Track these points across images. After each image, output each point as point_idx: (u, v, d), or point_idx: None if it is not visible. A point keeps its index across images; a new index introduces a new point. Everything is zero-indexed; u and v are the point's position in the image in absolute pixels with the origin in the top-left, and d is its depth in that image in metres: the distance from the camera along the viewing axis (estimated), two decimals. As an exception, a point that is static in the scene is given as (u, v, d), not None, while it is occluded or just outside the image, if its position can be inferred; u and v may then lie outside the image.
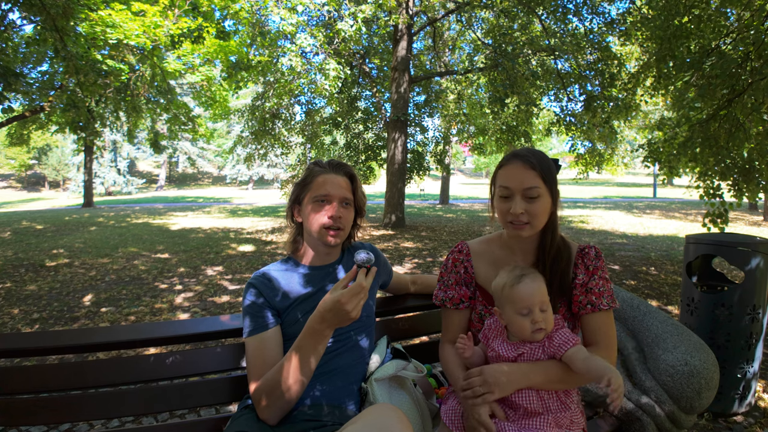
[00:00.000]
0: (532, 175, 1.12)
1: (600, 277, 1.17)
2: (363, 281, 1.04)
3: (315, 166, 1.32)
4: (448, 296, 1.26)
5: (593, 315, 1.14)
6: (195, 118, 13.82)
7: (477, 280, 1.26)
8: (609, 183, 40.99)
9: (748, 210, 15.61)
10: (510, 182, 1.13)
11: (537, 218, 1.13)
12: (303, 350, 1.07)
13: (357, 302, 1.03)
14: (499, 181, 1.17)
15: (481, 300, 1.25)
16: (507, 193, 1.14)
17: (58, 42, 5.97)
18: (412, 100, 12.75)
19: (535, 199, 1.12)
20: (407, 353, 1.35)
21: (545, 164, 1.14)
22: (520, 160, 1.14)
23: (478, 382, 1.04)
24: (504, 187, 1.14)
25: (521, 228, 1.13)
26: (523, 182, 1.12)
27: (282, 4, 8.18)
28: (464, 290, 1.26)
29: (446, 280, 1.29)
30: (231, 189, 41.29)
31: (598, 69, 8.78)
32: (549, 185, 1.14)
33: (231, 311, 4.18)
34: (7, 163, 39.92)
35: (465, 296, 1.25)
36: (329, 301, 1.03)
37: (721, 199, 4.55)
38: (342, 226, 1.27)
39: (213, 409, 2.33)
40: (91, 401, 1.19)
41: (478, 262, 1.27)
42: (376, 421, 0.86)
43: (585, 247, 1.22)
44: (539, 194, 1.12)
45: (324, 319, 1.04)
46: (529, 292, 1.05)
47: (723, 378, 2.18)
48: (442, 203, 21.19)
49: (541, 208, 1.12)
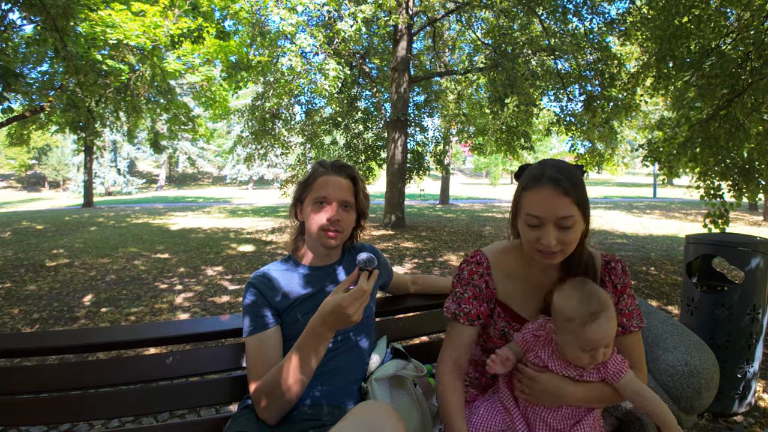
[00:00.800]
0: (566, 202, 0.98)
1: (628, 296, 1.11)
2: (365, 285, 1.03)
3: (319, 166, 1.32)
4: (463, 310, 1.14)
5: (624, 337, 1.09)
6: (195, 118, 13.81)
7: (498, 296, 1.16)
8: (609, 183, 41.00)
9: (748, 210, 15.60)
10: (541, 211, 1.00)
11: (570, 246, 1.02)
12: (303, 351, 1.06)
13: (358, 306, 1.02)
14: (525, 208, 1.03)
15: (504, 316, 1.15)
16: (537, 222, 1.01)
17: (58, 42, 5.97)
18: (412, 100, 12.75)
19: (569, 229, 0.99)
20: (407, 353, 1.35)
21: (579, 186, 1.01)
22: (552, 185, 0.99)
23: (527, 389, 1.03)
24: (533, 216, 1.01)
25: (552, 257, 1.02)
26: (556, 211, 0.98)
27: (282, 4, 8.18)
28: (483, 307, 1.15)
29: (461, 293, 1.16)
30: (231, 189, 41.29)
31: (598, 69, 8.78)
32: (583, 209, 1.01)
33: (231, 311, 4.18)
34: (7, 163, 39.92)
35: (483, 313, 1.15)
36: (330, 304, 1.02)
37: (722, 199, 4.54)
38: (341, 228, 1.26)
39: (213, 409, 2.33)
40: (91, 401, 1.18)
41: (499, 275, 1.16)
42: (365, 419, 0.86)
43: (610, 260, 1.13)
44: (574, 223, 0.99)
45: (325, 322, 1.04)
46: (600, 335, 0.97)
47: (723, 378, 2.18)
48: (442, 203, 21.20)
49: (574, 236, 1.01)
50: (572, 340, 0.99)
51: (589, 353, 0.99)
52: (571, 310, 0.99)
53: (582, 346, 0.98)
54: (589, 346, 0.98)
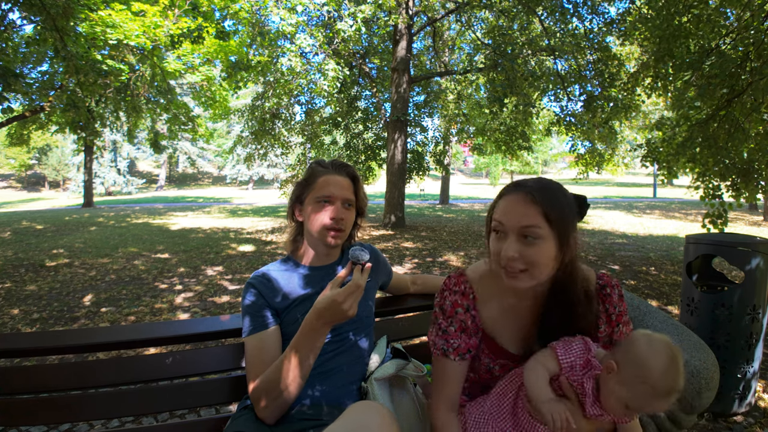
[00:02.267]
0: (533, 211, 0.90)
1: (624, 323, 1.02)
2: (359, 279, 1.04)
3: (317, 165, 1.32)
4: (451, 346, 1.03)
5: None
6: (195, 118, 13.82)
7: (484, 330, 1.06)
8: (609, 183, 41.00)
9: (748, 210, 15.60)
10: (504, 217, 0.93)
11: (536, 267, 0.91)
12: (300, 348, 1.07)
13: (353, 300, 1.03)
14: (494, 214, 0.97)
15: (486, 352, 1.06)
16: (500, 229, 0.94)
17: (58, 42, 5.97)
18: (412, 100, 12.75)
19: (534, 242, 0.90)
20: (407, 353, 1.35)
21: (553, 200, 0.92)
22: (522, 192, 0.93)
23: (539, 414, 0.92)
24: (497, 221, 0.94)
25: (516, 277, 0.92)
26: (519, 219, 0.91)
27: (282, 4, 8.18)
28: (472, 340, 1.05)
29: (446, 326, 1.05)
30: (231, 189, 41.29)
31: (598, 69, 8.78)
32: (555, 228, 0.90)
33: (231, 311, 4.18)
34: (7, 163, 39.92)
35: (473, 346, 1.05)
36: (325, 299, 1.03)
37: (721, 199, 4.55)
38: (343, 227, 1.27)
39: (213, 409, 2.33)
40: (91, 401, 1.19)
41: (484, 306, 1.06)
42: (356, 419, 0.86)
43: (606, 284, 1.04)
44: (539, 236, 0.89)
45: (320, 317, 1.05)
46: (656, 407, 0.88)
47: (723, 378, 2.17)
48: (442, 203, 21.20)
49: (540, 254, 0.90)
50: (629, 395, 0.87)
51: (630, 412, 0.89)
52: (654, 375, 0.86)
53: (634, 406, 0.88)
54: (640, 409, 0.89)
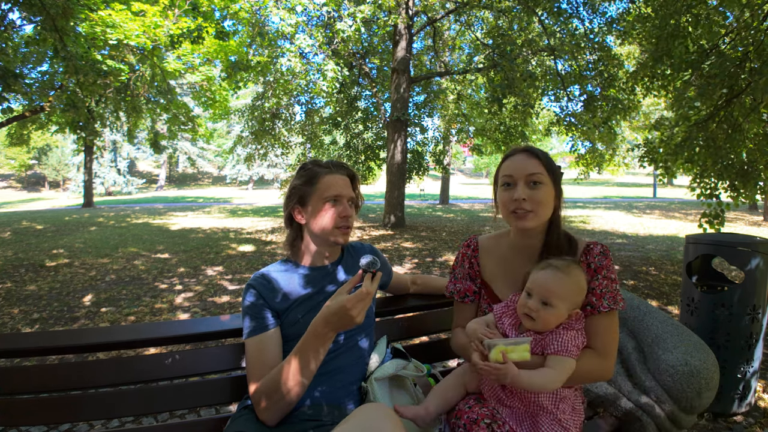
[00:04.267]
0: (535, 163, 1.12)
1: (604, 277, 1.10)
2: (369, 286, 1.04)
3: (316, 166, 1.31)
4: (456, 288, 1.30)
5: (592, 318, 1.08)
6: (195, 118, 13.82)
7: (483, 277, 1.28)
8: (609, 183, 40.99)
9: (748, 210, 15.60)
10: (513, 170, 1.13)
11: (541, 206, 1.10)
12: (304, 353, 1.06)
13: (362, 307, 1.03)
14: (502, 172, 1.18)
15: (486, 298, 1.25)
16: (510, 181, 1.14)
17: (57, 42, 5.97)
18: (412, 100, 12.75)
19: (538, 186, 1.11)
20: (407, 353, 1.36)
21: (548, 156, 1.16)
22: (523, 151, 1.16)
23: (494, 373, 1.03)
24: (507, 175, 1.15)
25: (525, 217, 1.11)
26: (526, 168, 1.12)
27: (281, 4, 8.18)
28: (469, 285, 1.28)
29: (456, 273, 1.32)
30: (231, 189, 41.28)
31: (598, 69, 8.78)
32: (552, 176, 1.14)
33: (231, 311, 4.18)
34: (7, 163, 39.91)
35: (470, 291, 1.28)
36: (334, 306, 1.03)
37: (718, 199, 4.54)
38: (351, 224, 1.30)
39: (213, 409, 2.33)
40: (91, 401, 1.19)
41: (486, 258, 1.28)
42: (365, 422, 0.86)
43: (591, 243, 1.17)
44: (542, 181, 1.11)
45: (328, 323, 1.04)
46: (540, 281, 1.05)
47: (723, 378, 2.17)
48: (442, 203, 21.19)
49: (544, 195, 1.11)
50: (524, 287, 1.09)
51: (527, 301, 1.05)
52: (537, 265, 1.10)
53: (526, 288, 1.07)
54: (529, 288, 1.06)
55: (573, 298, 1.05)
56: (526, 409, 1.06)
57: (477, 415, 1.03)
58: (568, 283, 1.04)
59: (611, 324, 1.09)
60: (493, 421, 1.02)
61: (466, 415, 1.05)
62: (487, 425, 1.00)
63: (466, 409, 1.07)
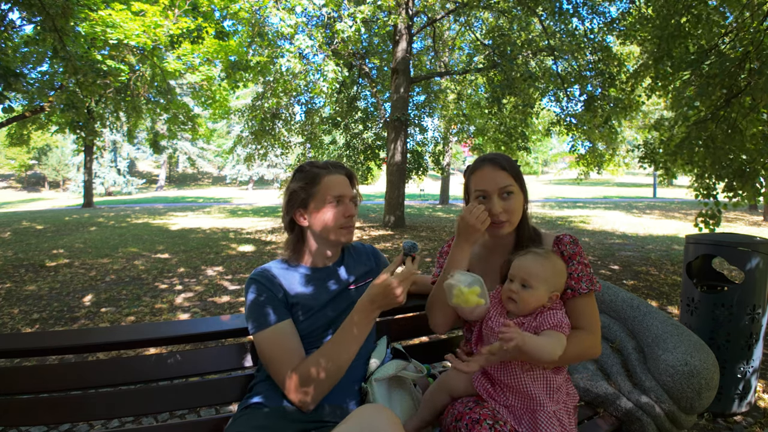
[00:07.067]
0: (504, 175, 1.22)
1: (578, 263, 1.21)
2: (411, 267, 1.13)
3: (314, 168, 1.30)
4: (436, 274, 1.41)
5: (575, 300, 1.18)
6: (195, 118, 13.82)
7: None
8: (609, 183, 40.98)
9: (748, 210, 15.60)
10: (485, 185, 1.22)
11: (514, 214, 1.22)
12: (350, 327, 1.13)
13: (405, 286, 1.10)
14: (474, 186, 1.26)
15: None
16: (484, 194, 1.23)
17: (57, 42, 5.96)
18: (412, 100, 12.75)
19: (510, 197, 1.21)
20: (407, 353, 1.35)
21: (513, 164, 1.26)
22: (491, 163, 1.24)
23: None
24: (480, 190, 1.23)
25: (501, 226, 1.22)
26: (497, 182, 1.21)
27: (281, 4, 8.17)
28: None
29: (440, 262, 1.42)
30: (231, 189, 41.27)
31: (598, 69, 8.78)
32: (519, 183, 1.25)
33: (231, 311, 4.18)
34: (7, 163, 39.90)
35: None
36: (380, 285, 1.10)
37: (715, 199, 4.53)
38: (354, 223, 1.33)
39: (213, 409, 2.33)
40: (91, 401, 1.19)
41: None
42: (365, 423, 0.87)
43: (560, 235, 1.27)
44: (513, 191, 1.22)
45: (374, 301, 1.11)
46: (522, 266, 1.13)
47: (723, 378, 2.18)
48: (442, 203, 21.20)
49: (516, 204, 1.22)
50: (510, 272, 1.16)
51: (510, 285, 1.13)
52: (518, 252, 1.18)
53: (510, 274, 1.15)
54: (512, 274, 1.14)
55: (552, 280, 1.13)
56: (522, 404, 1.08)
57: (479, 415, 1.04)
58: (547, 265, 1.13)
59: (592, 303, 1.20)
60: (495, 421, 1.03)
61: (467, 416, 1.05)
62: (490, 426, 1.01)
63: (466, 410, 1.08)
